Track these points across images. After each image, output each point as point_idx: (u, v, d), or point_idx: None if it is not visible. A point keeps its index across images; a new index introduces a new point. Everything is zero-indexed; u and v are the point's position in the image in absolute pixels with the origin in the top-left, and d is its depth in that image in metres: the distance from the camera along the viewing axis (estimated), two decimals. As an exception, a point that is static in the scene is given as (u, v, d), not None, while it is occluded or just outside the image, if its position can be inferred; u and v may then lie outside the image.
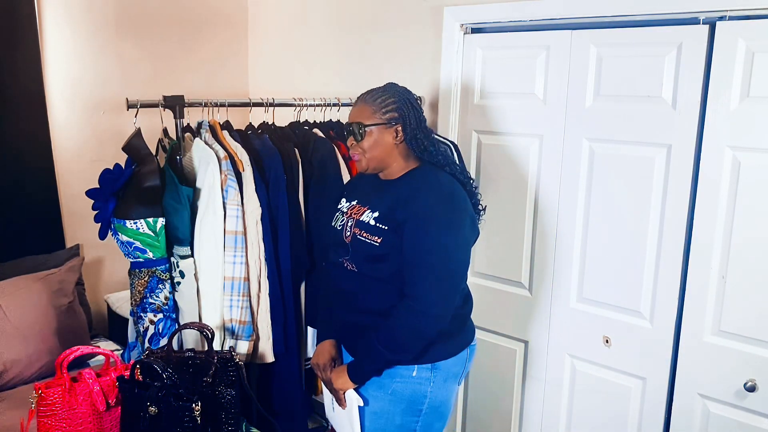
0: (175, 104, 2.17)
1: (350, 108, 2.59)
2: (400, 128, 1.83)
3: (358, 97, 1.91)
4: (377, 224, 1.80)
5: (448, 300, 1.77)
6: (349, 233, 1.85)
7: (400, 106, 1.84)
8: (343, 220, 1.91)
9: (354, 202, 1.93)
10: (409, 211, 1.75)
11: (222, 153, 2.14)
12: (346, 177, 2.38)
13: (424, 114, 1.92)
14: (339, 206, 1.98)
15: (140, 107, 2.11)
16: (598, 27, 2.19)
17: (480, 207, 1.95)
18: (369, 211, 1.84)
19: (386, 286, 1.81)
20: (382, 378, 1.83)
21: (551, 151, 2.34)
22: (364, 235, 1.81)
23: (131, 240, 2.08)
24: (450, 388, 1.90)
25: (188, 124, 2.25)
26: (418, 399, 1.84)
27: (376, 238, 1.78)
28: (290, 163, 2.30)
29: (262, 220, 2.19)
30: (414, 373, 1.83)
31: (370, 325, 1.82)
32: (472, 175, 2.56)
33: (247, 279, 2.18)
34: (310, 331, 2.41)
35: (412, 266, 1.74)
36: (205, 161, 2.13)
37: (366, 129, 1.82)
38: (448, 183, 1.83)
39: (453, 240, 1.75)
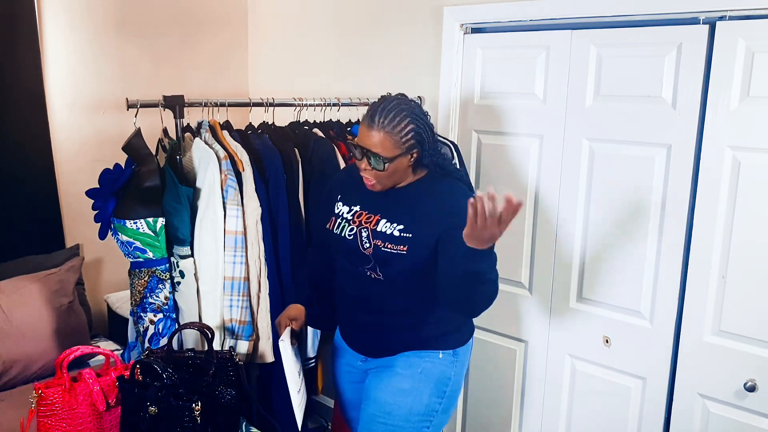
0: (175, 104, 2.17)
1: (350, 108, 2.64)
2: (416, 153, 1.79)
3: (372, 117, 1.75)
4: (402, 234, 1.79)
5: None
6: (368, 245, 1.82)
7: (419, 132, 1.76)
8: (353, 229, 1.86)
9: (357, 208, 1.89)
10: (449, 223, 1.72)
11: (222, 153, 2.14)
12: (346, 177, 2.38)
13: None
14: (337, 211, 1.94)
15: (140, 107, 2.10)
16: (598, 27, 2.19)
17: None
18: (386, 221, 1.82)
19: (409, 290, 1.85)
20: (410, 357, 1.89)
21: (551, 151, 2.34)
22: (390, 246, 1.79)
23: (131, 240, 2.08)
24: (463, 374, 1.98)
25: (188, 124, 2.25)
26: (444, 380, 1.90)
27: (402, 247, 1.78)
28: (290, 163, 2.30)
29: (262, 219, 2.19)
30: (441, 356, 1.90)
31: (393, 324, 1.89)
32: (472, 175, 2.56)
33: (247, 279, 2.18)
34: (310, 331, 2.41)
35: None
36: (205, 161, 2.13)
37: (388, 164, 1.74)
38: (464, 189, 1.88)
39: None
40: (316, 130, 2.48)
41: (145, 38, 3.02)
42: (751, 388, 1.97)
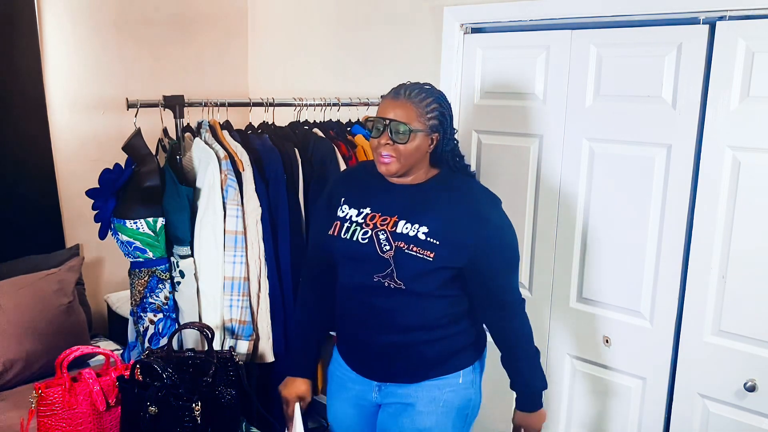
0: (175, 104, 2.17)
1: (350, 108, 2.63)
2: (437, 137, 1.70)
3: (396, 91, 1.69)
4: (428, 239, 1.67)
5: None
6: (388, 247, 1.69)
7: (442, 113, 1.70)
8: (367, 232, 1.72)
9: (368, 210, 1.75)
10: (483, 228, 1.69)
11: (222, 153, 2.14)
12: (346, 177, 2.37)
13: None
14: (342, 215, 1.79)
15: (140, 107, 2.11)
16: (598, 27, 2.19)
17: None
18: (406, 222, 1.70)
19: (430, 301, 1.73)
20: (431, 391, 1.78)
21: (551, 151, 2.34)
22: (415, 249, 1.67)
23: (131, 240, 2.08)
24: (481, 381, 1.90)
25: (188, 123, 2.25)
26: (466, 404, 1.82)
27: (429, 252, 1.66)
28: (290, 163, 2.30)
29: (262, 219, 2.19)
30: (460, 380, 1.80)
31: (411, 342, 1.75)
32: (472, 175, 2.56)
33: (247, 279, 2.18)
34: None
35: (502, 273, 1.76)
36: (205, 161, 2.13)
37: (413, 133, 1.64)
38: (483, 188, 1.80)
39: (515, 235, 1.79)
40: (316, 130, 2.48)
41: (145, 38, 3.02)
42: (751, 388, 1.97)
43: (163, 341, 2.14)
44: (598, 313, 2.30)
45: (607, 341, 2.29)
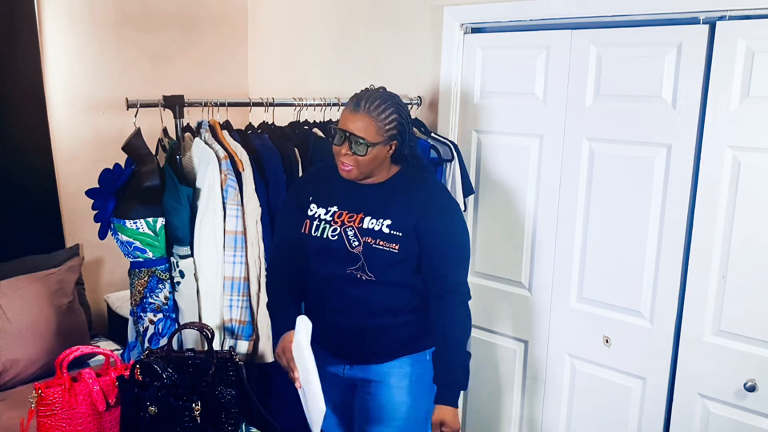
0: (174, 104, 2.17)
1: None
2: (395, 144, 1.83)
3: (356, 102, 1.78)
4: (392, 231, 1.81)
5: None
6: (357, 243, 1.82)
7: (401, 122, 1.80)
8: (336, 229, 1.85)
9: (335, 209, 1.88)
10: (430, 214, 1.82)
11: (222, 153, 2.14)
12: (346, 177, 2.37)
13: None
14: (311, 213, 1.91)
15: (140, 107, 2.10)
16: (598, 27, 2.19)
17: None
18: (371, 218, 1.83)
19: (400, 288, 1.86)
20: (402, 367, 1.90)
21: (551, 151, 2.34)
22: (381, 243, 1.81)
23: (131, 240, 2.08)
24: None
25: (188, 123, 2.25)
26: (432, 379, 1.92)
27: (394, 245, 1.80)
28: (290, 163, 2.30)
29: (261, 219, 2.19)
30: (428, 357, 1.92)
31: (381, 326, 1.87)
32: (472, 175, 2.56)
33: (247, 279, 2.18)
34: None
35: (446, 261, 1.84)
36: (204, 161, 2.13)
37: (370, 147, 1.76)
38: (438, 182, 1.95)
39: (466, 230, 1.92)
40: (316, 130, 2.48)
41: (145, 38, 3.02)
42: (751, 388, 1.97)
43: (163, 341, 2.14)
44: (598, 313, 2.30)
45: (607, 341, 2.29)
